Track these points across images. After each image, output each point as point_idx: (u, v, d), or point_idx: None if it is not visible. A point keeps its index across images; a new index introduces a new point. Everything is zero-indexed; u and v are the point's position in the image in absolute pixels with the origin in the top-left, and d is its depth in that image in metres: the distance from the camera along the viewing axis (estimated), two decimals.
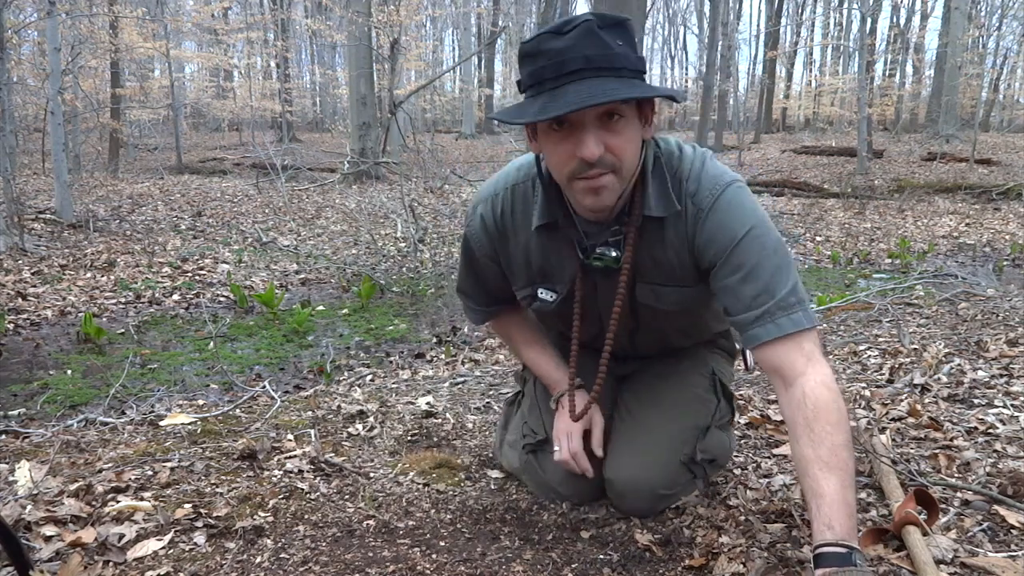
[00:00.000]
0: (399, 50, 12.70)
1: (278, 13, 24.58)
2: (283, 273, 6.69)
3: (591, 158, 1.24)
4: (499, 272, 1.62)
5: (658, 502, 1.59)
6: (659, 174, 1.39)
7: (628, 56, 1.23)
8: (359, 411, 2.35)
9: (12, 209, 7.28)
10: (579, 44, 1.20)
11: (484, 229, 1.55)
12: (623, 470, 1.60)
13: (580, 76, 1.20)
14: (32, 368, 4.01)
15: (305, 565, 1.43)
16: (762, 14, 30.79)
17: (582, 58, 1.20)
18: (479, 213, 1.56)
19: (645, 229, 1.41)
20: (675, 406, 1.66)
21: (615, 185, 1.30)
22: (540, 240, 1.49)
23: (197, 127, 29.73)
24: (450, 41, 39.33)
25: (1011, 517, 1.48)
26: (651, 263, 1.45)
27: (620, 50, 1.22)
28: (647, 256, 1.44)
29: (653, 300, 1.50)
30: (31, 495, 1.65)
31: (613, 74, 1.21)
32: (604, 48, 1.21)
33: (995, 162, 15.43)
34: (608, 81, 1.20)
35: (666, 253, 1.43)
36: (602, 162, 1.26)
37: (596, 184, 1.28)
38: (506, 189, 1.52)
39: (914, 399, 2.30)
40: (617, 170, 1.29)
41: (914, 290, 5.19)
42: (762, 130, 25.95)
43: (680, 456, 1.60)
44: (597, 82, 1.20)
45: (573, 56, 1.20)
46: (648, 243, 1.43)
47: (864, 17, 16.64)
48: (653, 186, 1.38)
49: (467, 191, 12.24)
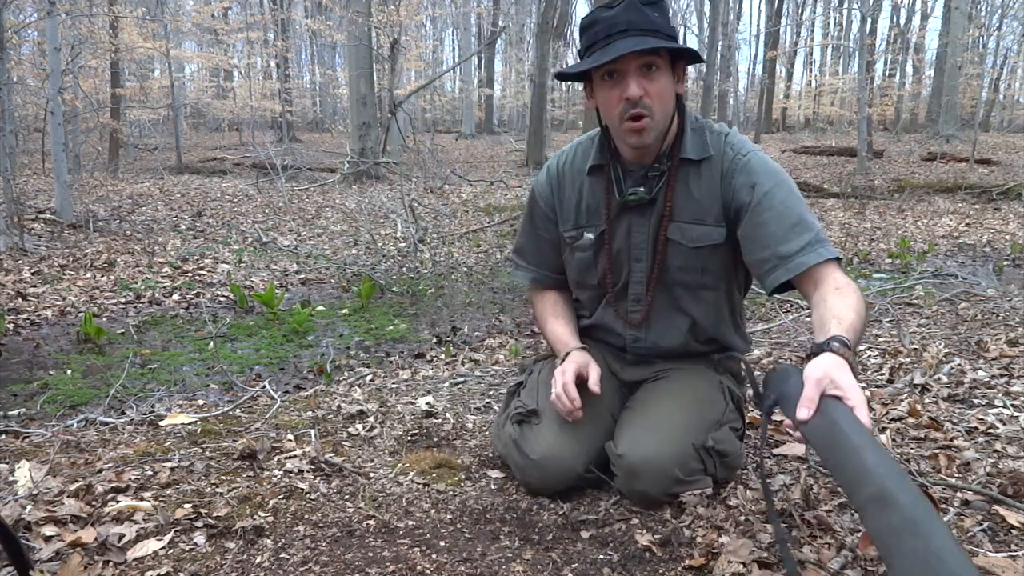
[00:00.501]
0: (399, 50, 12.72)
1: (278, 13, 24.60)
2: (283, 273, 6.69)
3: (633, 97, 1.55)
4: (555, 228, 1.84)
5: (669, 485, 1.59)
6: (696, 126, 1.68)
7: (663, 24, 1.56)
8: (359, 411, 2.35)
9: (12, 209, 7.28)
10: (623, 13, 1.54)
11: (548, 177, 1.84)
12: (638, 446, 1.61)
13: (625, 35, 1.53)
14: (32, 368, 4.01)
15: (305, 565, 1.43)
16: (762, 14, 30.83)
17: (626, 22, 1.53)
18: (547, 166, 1.86)
19: (681, 170, 1.66)
20: (688, 399, 1.70)
21: (653, 127, 1.59)
22: (590, 182, 1.77)
23: (197, 127, 29.73)
24: (450, 41, 39.36)
25: (1011, 517, 1.48)
26: (683, 202, 1.67)
27: (657, 19, 1.55)
28: (682, 195, 1.67)
29: (679, 236, 1.69)
30: (31, 495, 1.65)
31: (652, 34, 1.53)
32: (643, 15, 1.54)
33: (995, 162, 15.43)
34: (647, 38, 1.53)
35: (700, 192, 1.66)
36: (642, 104, 1.56)
37: (639, 125, 1.58)
38: (572, 147, 1.83)
39: (914, 399, 2.30)
40: (652, 114, 1.58)
41: (914, 290, 5.19)
42: (762, 130, 25.97)
43: (693, 440, 1.61)
44: (638, 38, 1.52)
45: (618, 21, 1.54)
46: (683, 183, 1.67)
47: (864, 17, 16.64)
48: (690, 134, 1.66)
49: (467, 191, 12.25)
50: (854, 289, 1.44)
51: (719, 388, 1.75)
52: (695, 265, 1.71)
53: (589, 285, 1.85)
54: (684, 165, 1.66)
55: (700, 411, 1.68)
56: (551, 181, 1.83)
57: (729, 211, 1.64)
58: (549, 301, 1.93)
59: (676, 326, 1.78)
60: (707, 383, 1.77)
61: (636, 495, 1.62)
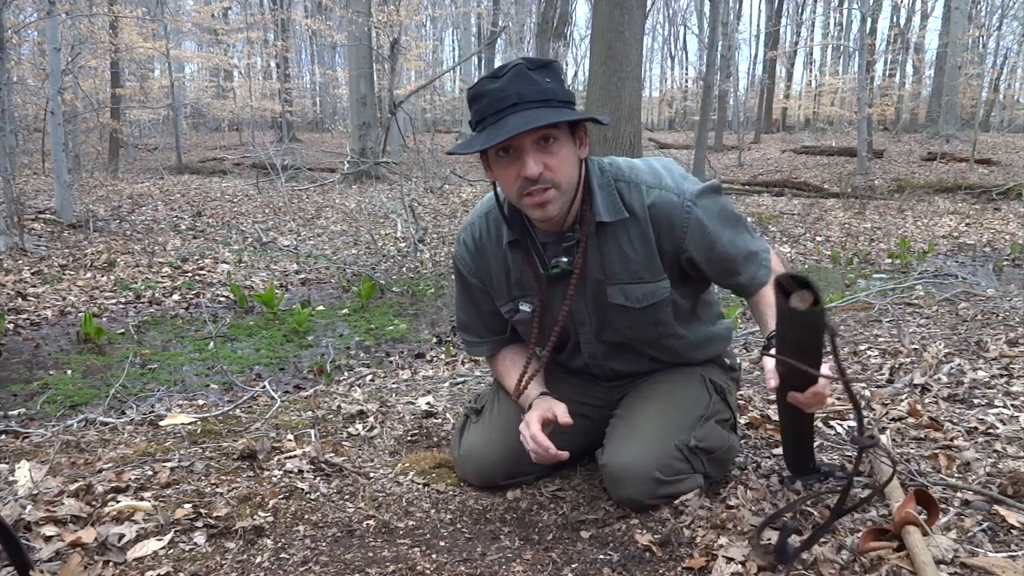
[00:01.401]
0: (399, 50, 12.71)
1: (278, 13, 24.58)
2: (283, 273, 6.70)
3: (532, 175, 1.47)
4: (491, 299, 1.79)
5: (654, 487, 1.59)
6: (606, 185, 1.60)
7: (556, 90, 1.47)
8: (359, 411, 2.35)
9: (12, 209, 7.29)
10: (512, 83, 1.44)
11: (468, 253, 1.76)
12: (618, 455, 1.63)
13: (516, 109, 1.43)
14: (32, 368, 4.01)
15: (305, 565, 1.43)
16: (762, 14, 30.83)
17: (515, 94, 1.44)
18: (462, 240, 1.78)
19: (602, 234, 1.60)
20: (669, 400, 1.71)
21: (558, 198, 1.52)
22: (512, 256, 1.69)
23: (197, 127, 29.73)
24: (450, 41, 39.32)
25: (1011, 517, 1.48)
26: (618, 264, 1.62)
27: (548, 86, 1.46)
28: (613, 257, 1.62)
29: (623, 299, 1.65)
30: (31, 495, 1.65)
31: (544, 104, 1.44)
32: (534, 85, 1.45)
33: (995, 162, 15.43)
34: (540, 110, 1.43)
35: (633, 250, 1.61)
36: (543, 179, 1.48)
37: (541, 199, 1.50)
38: (481, 217, 1.74)
39: (914, 399, 2.30)
40: (557, 185, 1.50)
41: (914, 290, 5.19)
42: (762, 130, 25.96)
43: (675, 441, 1.62)
44: (531, 112, 1.43)
45: (508, 93, 1.44)
46: (611, 244, 1.61)
47: (864, 17, 16.65)
48: (601, 196, 1.59)
49: (467, 191, 12.25)
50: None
51: (701, 383, 1.75)
52: (646, 322, 1.69)
53: (541, 344, 1.81)
54: (601, 228, 1.59)
55: (681, 410, 1.68)
56: (473, 257, 1.76)
57: (678, 261, 1.62)
58: (507, 360, 1.86)
59: (637, 362, 1.79)
60: (687, 380, 1.76)
61: (624, 502, 1.63)
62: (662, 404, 1.70)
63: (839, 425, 2.13)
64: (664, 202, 1.56)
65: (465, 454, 1.79)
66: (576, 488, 1.78)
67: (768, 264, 1.66)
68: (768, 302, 1.55)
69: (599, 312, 1.68)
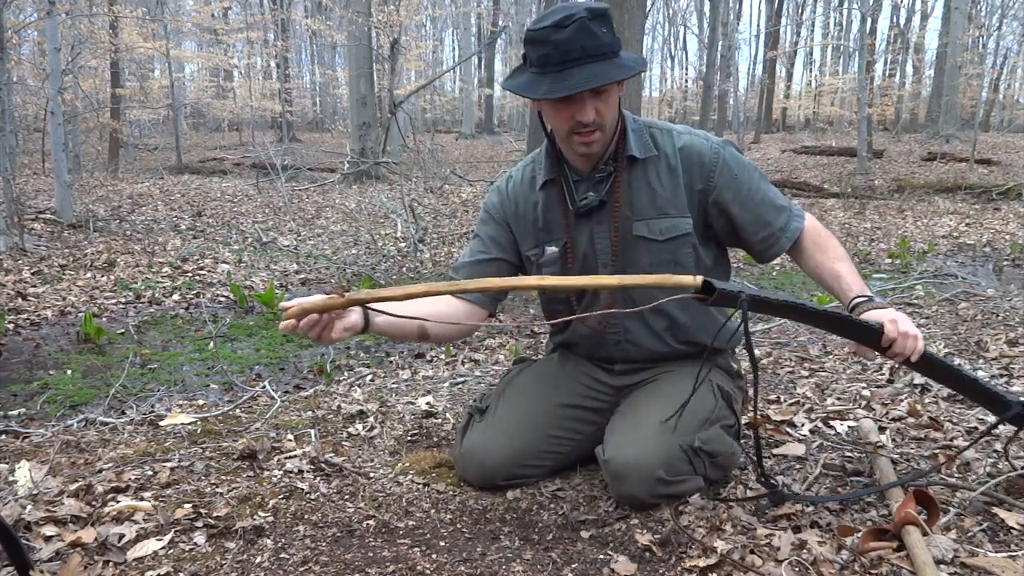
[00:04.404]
0: (399, 50, 12.70)
1: (278, 13, 24.58)
2: (283, 273, 6.69)
3: (587, 121, 1.62)
4: (504, 242, 1.85)
5: (656, 486, 1.58)
6: (638, 129, 1.76)
7: (612, 42, 1.61)
8: (359, 411, 2.35)
9: (12, 209, 7.28)
10: (577, 37, 1.56)
11: (500, 197, 1.88)
12: (622, 450, 1.62)
13: (580, 63, 1.56)
14: (32, 368, 4.00)
15: (305, 565, 1.43)
16: (762, 14, 30.81)
17: (579, 48, 1.56)
18: (496, 187, 1.91)
19: (632, 169, 1.74)
20: (676, 400, 1.68)
21: (602, 138, 1.68)
22: (544, 198, 1.81)
23: (197, 127, 29.73)
24: (450, 41, 39.34)
25: (1011, 517, 1.48)
26: (643, 198, 1.74)
27: (605, 38, 1.59)
28: (638, 191, 1.74)
29: (646, 231, 1.75)
30: (31, 495, 1.65)
31: (603, 59, 1.58)
32: (594, 39, 1.57)
33: (995, 162, 15.41)
34: (600, 65, 1.58)
35: (661, 186, 1.73)
36: (594, 123, 1.63)
37: (590, 139, 1.66)
38: (520, 169, 1.90)
39: (914, 399, 2.30)
40: (603, 127, 1.66)
41: (914, 290, 5.19)
42: (762, 130, 25.95)
43: (680, 441, 1.61)
44: (592, 66, 1.57)
45: (572, 47, 1.56)
46: (639, 180, 1.74)
47: (864, 17, 16.63)
48: (633, 136, 1.74)
49: (467, 191, 12.25)
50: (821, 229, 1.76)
51: (707, 387, 1.74)
52: (666, 259, 1.73)
53: (560, 299, 1.88)
54: (632, 164, 1.73)
55: (687, 412, 1.66)
56: (503, 202, 1.87)
57: (706, 202, 1.74)
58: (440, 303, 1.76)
59: (651, 333, 1.79)
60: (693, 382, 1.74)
61: (624, 499, 1.63)
62: (667, 402, 1.69)
63: (839, 425, 2.13)
64: (695, 143, 1.73)
65: (466, 453, 1.79)
66: (576, 488, 1.78)
67: (801, 215, 1.76)
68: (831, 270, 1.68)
69: (623, 249, 1.75)
